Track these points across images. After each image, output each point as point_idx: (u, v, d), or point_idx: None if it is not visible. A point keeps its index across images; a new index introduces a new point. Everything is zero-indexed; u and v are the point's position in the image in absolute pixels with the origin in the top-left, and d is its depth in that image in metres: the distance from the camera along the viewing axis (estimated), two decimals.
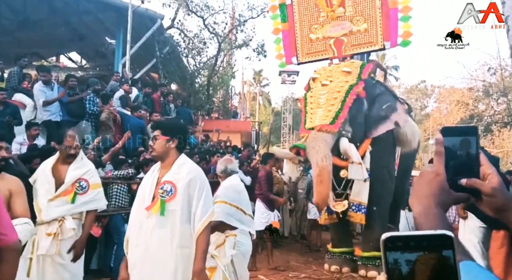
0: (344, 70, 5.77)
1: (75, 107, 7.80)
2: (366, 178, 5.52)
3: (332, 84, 5.64)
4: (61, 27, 12.78)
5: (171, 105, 11.06)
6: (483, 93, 19.05)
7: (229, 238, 3.47)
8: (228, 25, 16.72)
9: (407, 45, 6.40)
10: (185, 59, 15.85)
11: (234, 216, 3.45)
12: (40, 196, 3.45)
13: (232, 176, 3.72)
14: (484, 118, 18.70)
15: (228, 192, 3.55)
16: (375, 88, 5.94)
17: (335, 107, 5.38)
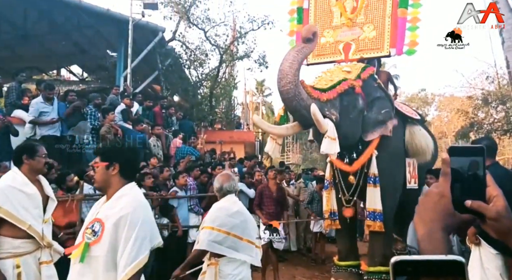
0: (345, 69, 5.63)
1: (75, 122, 7.56)
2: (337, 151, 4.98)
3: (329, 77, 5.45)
4: (62, 41, 12.61)
5: (173, 117, 10.83)
6: (482, 101, 19.13)
7: (210, 267, 3.08)
8: (229, 37, 16.65)
9: (413, 54, 6.37)
10: (187, 71, 15.73)
11: (224, 243, 3.04)
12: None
13: (226, 197, 3.26)
14: (484, 126, 18.79)
15: (218, 216, 3.13)
16: (376, 90, 5.71)
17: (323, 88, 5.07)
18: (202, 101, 15.77)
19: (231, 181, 3.31)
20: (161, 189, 6.62)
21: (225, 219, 3.10)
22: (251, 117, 24.66)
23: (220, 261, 3.06)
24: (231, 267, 3.07)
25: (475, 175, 0.83)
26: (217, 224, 3.07)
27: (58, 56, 14.04)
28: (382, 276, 5.62)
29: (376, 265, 5.72)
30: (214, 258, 3.07)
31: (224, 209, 3.17)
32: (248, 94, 26.12)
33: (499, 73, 17.38)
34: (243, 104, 24.09)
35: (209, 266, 3.08)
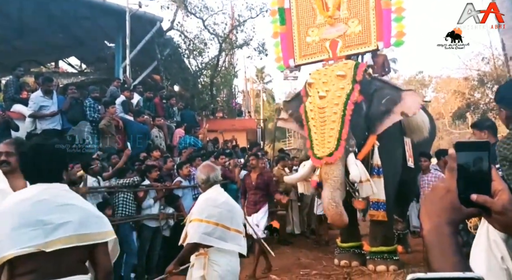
0: (339, 74, 5.56)
1: (75, 115, 7.45)
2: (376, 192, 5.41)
3: (329, 95, 5.43)
4: (59, 34, 12.38)
5: (174, 108, 10.67)
6: (478, 82, 19.47)
7: (199, 257, 3.02)
8: (228, 25, 16.44)
9: (400, 45, 6.28)
10: (187, 60, 15.55)
11: (213, 234, 2.98)
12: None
13: (212, 188, 3.17)
14: (480, 106, 19.16)
15: (205, 207, 3.05)
16: (370, 86, 5.73)
17: (336, 125, 5.25)
18: (202, 90, 15.62)
19: (216, 171, 3.25)
20: (165, 179, 6.54)
21: (213, 210, 3.04)
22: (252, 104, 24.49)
23: (209, 251, 3.01)
24: (220, 257, 3.03)
25: (481, 170, 0.83)
26: (205, 216, 3.00)
27: (55, 49, 13.80)
28: (384, 256, 5.77)
29: (378, 245, 5.86)
30: (203, 249, 3.02)
31: (211, 200, 3.10)
32: (248, 81, 25.91)
33: (495, 54, 17.48)
34: (244, 92, 23.89)
35: (198, 257, 3.02)
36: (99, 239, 2.04)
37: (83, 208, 2.08)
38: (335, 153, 5.15)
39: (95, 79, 13.06)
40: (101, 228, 2.07)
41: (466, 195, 0.82)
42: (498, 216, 0.82)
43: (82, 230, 1.99)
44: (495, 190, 0.83)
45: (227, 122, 14.90)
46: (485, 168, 0.83)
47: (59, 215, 1.97)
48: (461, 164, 0.83)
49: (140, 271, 5.89)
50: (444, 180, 0.85)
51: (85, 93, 8.68)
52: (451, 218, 0.82)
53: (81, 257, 2.04)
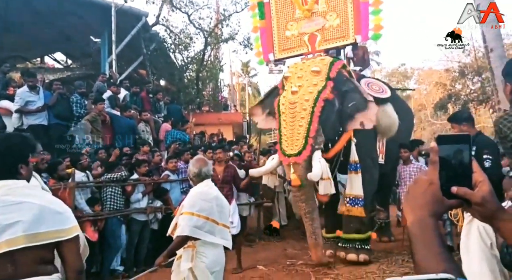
0: (314, 70, 5.49)
1: (62, 110, 7.39)
2: (334, 192, 5.34)
3: (301, 90, 5.38)
4: (45, 29, 12.17)
5: (161, 102, 10.62)
6: (459, 73, 19.66)
7: (187, 250, 3.03)
8: (213, 19, 16.33)
9: (378, 38, 6.22)
10: (172, 55, 15.44)
11: (203, 228, 3.00)
12: None
13: (204, 182, 3.19)
14: (461, 97, 19.38)
15: (196, 201, 3.06)
16: (344, 85, 5.67)
17: (305, 122, 5.19)
18: (188, 85, 15.54)
19: (208, 166, 3.27)
20: (153, 173, 6.56)
21: (204, 204, 3.06)
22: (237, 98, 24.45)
23: (197, 244, 3.03)
24: (207, 249, 3.05)
25: (462, 162, 0.85)
26: (197, 209, 3.01)
27: (41, 44, 13.58)
28: (355, 244, 5.68)
29: (351, 232, 5.77)
30: (191, 241, 3.03)
31: (203, 194, 3.11)
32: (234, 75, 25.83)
33: (475, 46, 17.53)
34: (230, 86, 23.82)
35: (186, 249, 3.03)
36: (58, 237, 1.87)
37: (39, 205, 1.89)
38: (303, 153, 5.11)
39: (81, 74, 12.91)
40: (60, 225, 1.89)
41: (447, 187, 0.83)
42: (478, 207, 0.84)
43: (33, 229, 1.82)
44: (475, 181, 0.84)
45: (213, 116, 14.88)
46: (466, 160, 0.85)
47: (7, 216, 1.81)
48: (443, 157, 0.85)
49: (129, 264, 5.93)
50: (426, 173, 0.86)
51: (71, 88, 8.60)
52: (433, 210, 0.83)
53: (43, 258, 1.88)
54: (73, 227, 1.94)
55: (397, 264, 5.52)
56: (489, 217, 0.86)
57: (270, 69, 10.97)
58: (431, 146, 0.86)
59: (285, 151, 5.23)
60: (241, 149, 9.24)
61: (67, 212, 1.98)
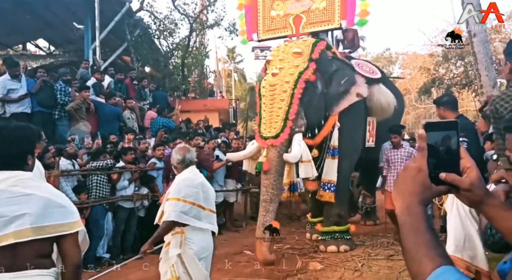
0: (295, 51, 5.33)
1: (45, 98, 7.22)
2: (315, 175, 5.23)
3: (282, 72, 5.20)
4: (26, 15, 11.84)
5: (146, 89, 10.47)
6: (443, 58, 19.75)
7: (175, 236, 3.03)
8: (198, 5, 16.03)
9: (364, 24, 6.08)
10: (157, 41, 15.16)
11: (189, 213, 3.01)
12: None
13: (189, 168, 3.19)
14: (445, 82, 19.61)
15: (182, 187, 3.07)
16: (331, 64, 5.55)
17: (284, 104, 5.01)
18: (174, 71, 15.31)
19: (192, 152, 3.29)
20: (139, 161, 6.49)
21: (190, 190, 3.07)
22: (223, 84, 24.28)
23: (185, 230, 3.03)
24: (195, 235, 3.06)
25: (450, 148, 0.85)
26: (183, 195, 3.02)
27: (23, 31, 13.19)
28: (335, 236, 5.64)
29: (331, 225, 5.71)
30: (179, 228, 3.04)
31: (189, 180, 3.12)
32: (220, 61, 25.58)
33: None
34: (216, 72, 23.60)
35: (174, 235, 3.02)
36: (61, 231, 1.85)
37: (45, 198, 1.86)
38: (281, 135, 4.96)
39: (64, 61, 12.63)
40: (65, 219, 1.87)
41: (436, 174, 0.84)
42: (466, 193, 0.84)
43: (40, 222, 1.80)
44: (463, 167, 0.85)
45: (199, 102, 14.76)
46: (454, 146, 0.85)
47: (14, 207, 1.78)
48: (431, 144, 0.85)
49: (115, 251, 5.90)
50: (414, 160, 0.86)
51: (55, 75, 8.41)
52: (422, 197, 0.83)
53: (42, 251, 1.85)
54: (76, 222, 1.92)
55: (382, 247, 5.59)
56: (477, 202, 0.87)
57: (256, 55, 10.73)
58: (419, 133, 0.86)
59: (263, 134, 5.08)
60: (228, 136, 9.19)
61: (71, 207, 1.96)
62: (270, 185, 4.97)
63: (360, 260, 4.97)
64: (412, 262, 0.77)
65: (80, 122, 7.25)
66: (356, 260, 4.99)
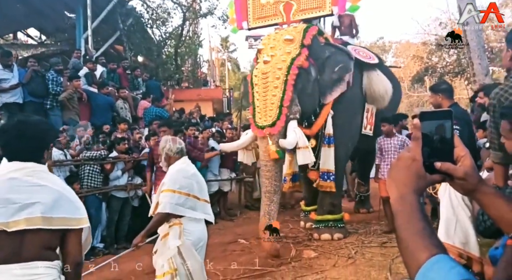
0: (287, 38, 5.20)
1: (37, 88, 7.13)
2: (313, 161, 5.16)
3: (274, 59, 5.07)
4: (17, 4, 11.63)
5: (139, 79, 10.36)
6: (436, 46, 19.66)
7: (173, 227, 2.99)
8: None
9: (356, 10, 5.94)
10: (150, 30, 15.00)
11: (185, 204, 2.99)
12: None
13: (181, 159, 3.17)
14: (438, 70, 19.61)
15: (177, 178, 3.04)
16: (324, 50, 5.41)
17: (278, 91, 4.88)
18: (167, 61, 15.17)
19: (183, 144, 3.29)
20: (133, 151, 6.45)
21: (184, 181, 3.05)
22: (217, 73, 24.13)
23: (183, 221, 3.02)
24: (192, 226, 3.06)
25: (444, 137, 0.85)
26: (178, 186, 3.00)
27: (14, 20, 12.96)
28: (328, 224, 5.64)
29: (324, 213, 5.71)
30: (177, 219, 3.02)
31: (183, 172, 3.10)
32: (213, 51, 25.37)
33: (451, 18, 17.62)
34: (209, 61, 23.41)
35: (172, 227, 2.99)
36: (69, 225, 1.88)
37: (57, 190, 1.89)
38: (277, 123, 4.84)
39: (55, 51, 12.46)
40: (73, 214, 1.90)
41: (430, 163, 0.84)
42: (461, 181, 0.85)
43: (50, 213, 1.82)
44: (457, 156, 0.85)
45: (193, 92, 14.65)
46: (448, 135, 0.85)
47: (27, 195, 1.82)
48: (425, 133, 0.85)
49: (109, 241, 5.89)
50: (409, 149, 0.86)
51: (46, 65, 8.30)
52: (416, 186, 0.83)
53: (47, 243, 1.86)
54: (83, 218, 1.95)
55: (375, 235, 5.63)
56: (470, 190, 0.88)
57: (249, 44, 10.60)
58: (414, 122, 0.86)
59: (258, 123, 4.96)
60: (222, 125, 9.13)
61: (79, 203, 1.99)
62: (273, 177, 4.90)
63: (353, 248, 5.00)
64: (406, 251, 0.76)
65: (81, 123, 7.17)
66: (349, 248, 5.02)
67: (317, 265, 4.51)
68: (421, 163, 0.84)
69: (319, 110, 5.42)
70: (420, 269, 0.71)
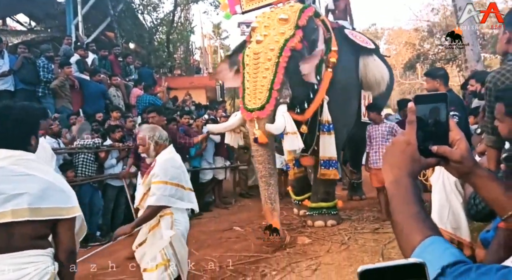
0: (281, 17, 4.96)
1: (28, 75, 7.05)
2: (302, 147, 4.95)
3: (267, 39, 4.86)
4: None
5: (131, 66, 10.27)
6: (428, 33, 19.82)
7: (164, 217, 2.94)
8: None
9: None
10: (141, 16, 14.89)
11: (175, 195, 2.94)
12: None
13: (168, 148, 3.11)
14: (429, 57, 19.63)
15: (168, 168, 2.97)
16: (314, 33, 5.19)
17: (269, 73, 4.68)
18: (159, 48, 15.03)
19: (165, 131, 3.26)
20: (127, 139, 6.43)
21: (174, 171, 3.00)
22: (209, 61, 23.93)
23: (174, 211, 2.99)
24: (180, 215, 3.04)
25: (439, 121, 0.85)
26: (169, 177, 2.94)
27: (2, 5, 12.70)
28: (322, 211, 5.63)
29: (318, 201, 5.68)
30: (168, 209, 2.97)
31: (172, 161, 3.04)
32: (205, 37, 25.12)
33: (444, 4, 17.70)
34: (201, 49, 23.20)
35: (164, 217, 2.95)
36: (59, 215, 1.82)
37: (46, 180, 1.83)
38: (266, 106, 4.62)
39: (46, 37, 12.26)
40: (63, 203, 1.84)
41: (425, 146, 0.84)
42: (456, 164, 0.85)
43: (38, 203, 1.77)
44: (453, 139, 0.85)
45: (186, 79, 14.55)
46: (443, 119, 0.85)
47: (14, 185, 1.75)
48: (420, 116, 0.84)
49: (105, 229, 5.91)
50: (404, 133, 0.86)
51: (36, 52, 8.19)
52: (411, 170, 0.84)
53: (39, 232, 1.82)
54: (74, 207, 1.89)
55: (368, 221, 5.70)
56: (465, 173, 0.88)
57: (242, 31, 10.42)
58: (409, 106, 0.85)
59: (247, 106, 4.71)
60: (216, 113, 9.10)
61: (70, 192, 1.93)
62: (266, 161, 4.73)
63: (346, 234, 5.06)
64: (401, 234, 0.77)
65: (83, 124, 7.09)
66: (343, 234, 5.07)
67: (311, 251, 4.56)
68: (416, 146, 0.84)
69: (313, 95, 5.24)
70: (414, 251, 0.72)
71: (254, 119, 4.66)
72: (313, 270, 3.97)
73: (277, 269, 4.05)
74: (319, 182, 5.69)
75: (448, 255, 0.69)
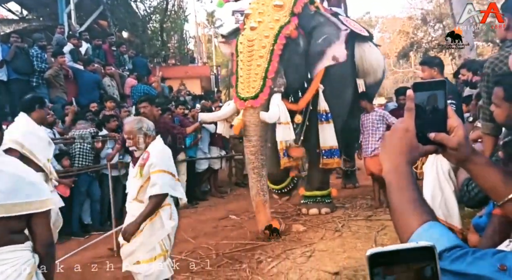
0: (276, 4, 4.78)
1: (21, 65, 6.99)
2: (294, 138, 4.97)
3: (261, 26, 4.69)
4: None
5: (125, 56, 10.20)
6: (421, 21, 19.79)
7: (164, 208, 2.92)
8: None
9: None
10: (134, 4, 14.67)
11: (172, 185, 2.93)
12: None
13: (158, 138, 3.07)
14: (423, 45, 19.57)
15: (163, 158, 2.95)
16: (312, 19, 5.10)
17: (263, 61, 4.59)
18: (152, 37, 14.90)
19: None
20: (122, 129, 6.41)
21: (169, 161, 3.01)
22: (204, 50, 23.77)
23: (170, 201, 3.01)
24: (173, 207, 3.07)
25: (437, 108, 0.85)
26: (167, 167, 2.93)
27: None
28: (317, 199, 5.65)
29: (313, 190, 5.70)
30: (166, 200, 2.95)
31: (165, 151, 3.03)
32: (199, 26, 24.89)
33: None
34: (195, 37, 22.99)
35: (163, 208, 2.91)
36: (32, 209, 1.78)
37: (14, 175, 1.78)
38: (260, 95, 4.53)
39: (38, 26, 12.10)
40: (36, 197, 1.80)
41: (423, 134, 0.84)
42: (454, 151, 0.86)
43: (10, 199, 1.72)
44: (451, 126, 0.85)
45: (180, 69, 14.45)
46: (442, 106, 0.85)
47: None
48: (419, 103, 0.84)
49: (103, 218, 5.95)
50: (402, 121, 0.86)
51: (29, 41, 8.12)
52: (410, 156, 0.84)
53: (14, 228, 1.79)
54: (47, 200, 1.86)
55: (361, 208, 5.78)
56: (463, 160, 0.88)
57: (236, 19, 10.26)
58: (407, 94, 0.85)
59: (241, 94, 4.62)
60: (212, 104, 8.92)
61: (41, 184, 1.90)
62: (258, 152, 4.68)
63: (340, 221, 5.13)
64: (399, 219, 0.78)
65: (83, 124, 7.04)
66: (336, 221, 5.13)
67: (305, 238, 4.63)
68: (414, 134, 0.84)
69: (307, 84, 5.18)
70: (412, 236, 0.73)
71: (247, 108, 4.60)
72: (308, 256, 4.05)
73: (273, 256, 4.12)
74: (316, 171, 5.66)
75: (445, 239, 0.71)
